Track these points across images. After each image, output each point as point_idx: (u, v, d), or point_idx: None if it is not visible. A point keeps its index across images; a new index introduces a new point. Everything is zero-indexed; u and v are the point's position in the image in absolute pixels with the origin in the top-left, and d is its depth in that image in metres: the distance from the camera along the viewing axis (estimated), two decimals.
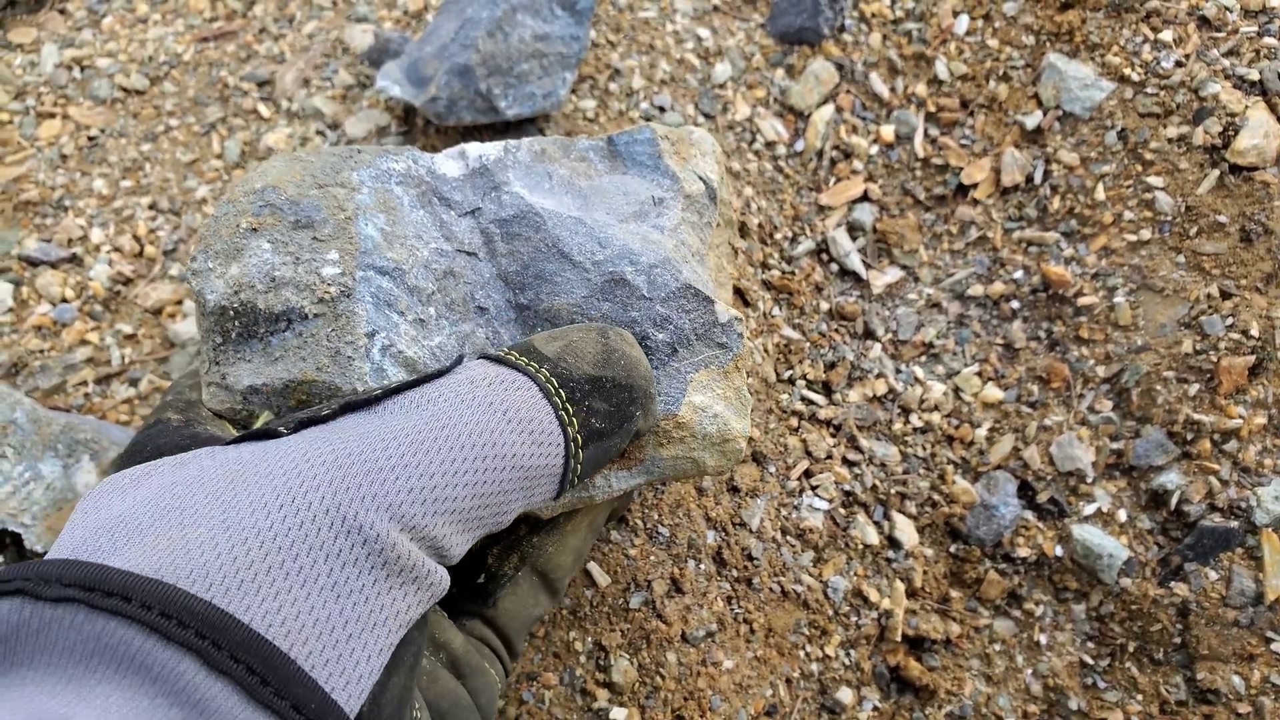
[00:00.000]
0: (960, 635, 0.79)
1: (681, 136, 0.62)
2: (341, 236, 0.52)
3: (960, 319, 0.88)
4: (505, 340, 0.55)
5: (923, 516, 0.81)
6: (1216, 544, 0.75)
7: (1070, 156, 0.88)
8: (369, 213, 0.53)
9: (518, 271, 0.55)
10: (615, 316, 0.54)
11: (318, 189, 0.53)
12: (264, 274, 0.50)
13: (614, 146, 0.61)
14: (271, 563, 0.34)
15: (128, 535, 0.34)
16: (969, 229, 0.91)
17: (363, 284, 0.51)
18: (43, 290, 0.85)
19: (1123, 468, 0.79)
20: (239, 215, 0.51)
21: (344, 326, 0.51)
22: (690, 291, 0.55)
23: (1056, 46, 0.92)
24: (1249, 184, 0.80)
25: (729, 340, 0.56)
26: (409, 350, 0.52)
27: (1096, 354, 0.82)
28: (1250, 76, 0.82)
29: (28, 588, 0.31)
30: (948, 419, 0.84)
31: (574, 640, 0.69)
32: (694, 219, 0.60)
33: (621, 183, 0.60)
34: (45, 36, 1.03)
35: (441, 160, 0.58)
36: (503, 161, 0.58)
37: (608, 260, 0.54)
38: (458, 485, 0.40)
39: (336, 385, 0.50)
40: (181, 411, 0.50)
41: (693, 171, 0.61)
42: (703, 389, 0.55)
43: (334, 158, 0.55)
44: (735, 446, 0.56)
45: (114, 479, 0.39)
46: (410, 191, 0.56)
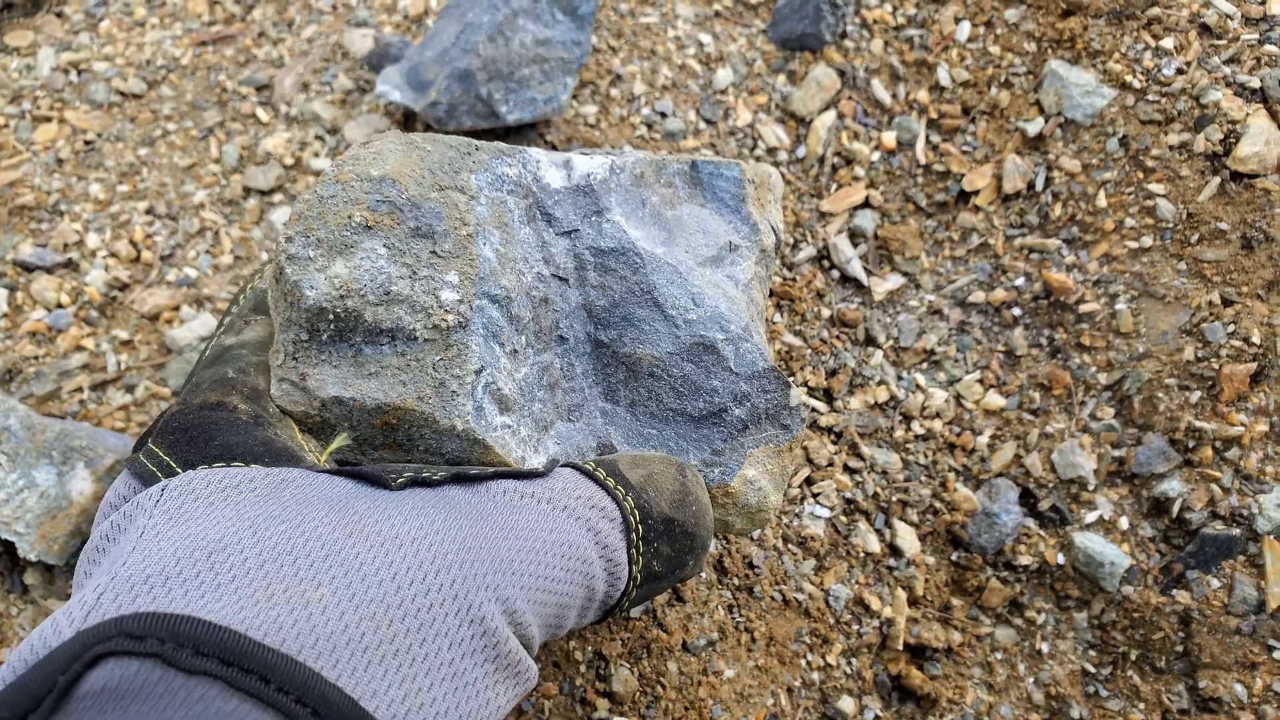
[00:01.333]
0: (962, 643, 0.78)
1: (763, 180, 0.61)
2: (462, 256, 0.48)
3: (962, 326, 0.88)
4: (577, 373, 0.54)
5: (924, 524, 0.81)
6: (1218, 552, 0.75)
7: (1072, 163, 0.87)
8: (487, 230, 0.50)
9: (605, 307, 0.54)
10: (696, 381, 0.54)
11: (438, 191, 0.49)
12: (378, 284, 0.46)
13: (697, 174, 0.60)
14: (400, 644, 0.33)
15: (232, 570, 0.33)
16: (970, 236, 0.91)
17: (478, 314, 0.48)
18: (38, 295, 0.84)
19: (1124, 475, 0.79)
20: (351, 204, 0.47)
21: (454, 358, 0.47)
22: (773, 374, 0.55)
23: (1058, 53, 0.92)
24: (1250, 191, 0.80)
25: (792, 424, 0.57)
26: (505, 387, 0.49)
27: (1098, 361, 0.82)
28: (1251, 84, 0.82)
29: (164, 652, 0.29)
30: (949, 426, 0.84)
31: (574, 649, 0.68)
32: (763, 274, 0.60)
33: (700, 217, 0.59)
34: (42, 40, 1.02)
35: (547, 167, 0.55)
36: (608, 183, 0.56)
37: (700, 322, 0.54)
38: (551, 591, 0.40)
39: (435, 418, 0.47)
40: (249, 400, 0.46)
41: (769, 222, 0.60)
42: (756, 463, 0.56)
43: (453, 152, 0.52)
44: (765, 516, 0.57)
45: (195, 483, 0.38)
46: (520, 204, 0.53)
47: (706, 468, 0.55)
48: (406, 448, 0.49)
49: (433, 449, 0.49)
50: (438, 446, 0.49)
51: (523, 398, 0.51)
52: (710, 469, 0.55)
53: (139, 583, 0.32)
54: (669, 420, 0.55)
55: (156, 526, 0.35)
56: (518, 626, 0.38)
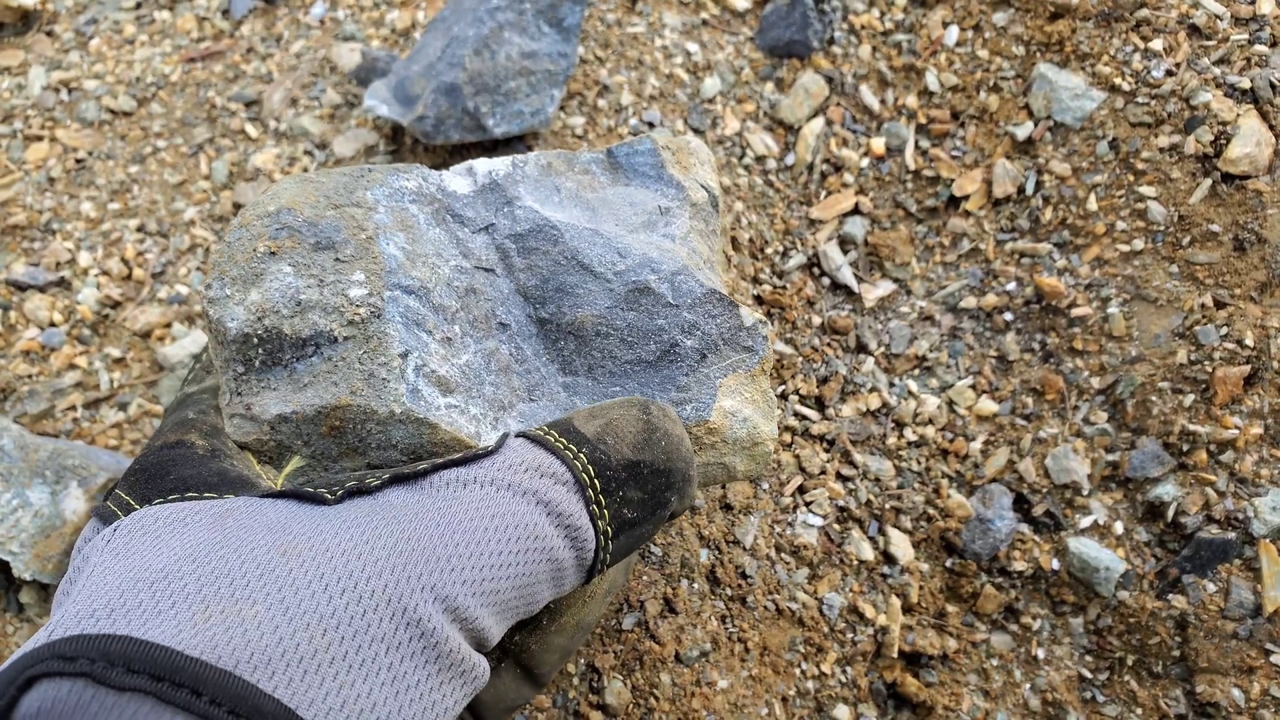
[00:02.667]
0: (957, 650, 0.78)
1: (681, 145, 0.62)
2: (365, 256, 0.51)
3: (953, 331, 0.88)
4: (529, 354, 0.55)
5: (918, 531, 0.80)
6: (1214, 556, 0.75)
7: (1062, 167, 0.87)
8: (389, 232, 0.52)
9: (537, 285, 0.55)
10: (641, 326, 0.54)
11: (334, 209, 0.52)
12: (288, 298, 0.49)
13: (614, 159, 0.61)
14: (335, 653, 0.33)
15: (172, 597, 0.33)
16: (961, 241, 0.91)
17: (391, 304, 0.50)
18: (30, 314, 0.84)
19: (1118, 479, 0.79)
20: (255, 239, 0.50)
21: (376, 348, 0.49)
22: (715, 296, 0.55)
23: (1047, 57, 0.91)
24: (1241, 192, 0.80)
25: (754, 343, 0.56)
26: (441, 369, 0.51)
27: (1091, 365, 0.82)
28: (1241, 84, 0.82)
29: (94, 670, 0.30)
30: (942, 432, 0.83)
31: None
32: (701, 227, 0.60)
33: (626, 194, 0.59)
34: (32, 59, 1.03)
35: (450, 177, 0.57)
36: (512, 176, 0.57)
37: (630, 269, 0.54)
38: (503, 578, 0.40)
39: (373, 409, 0.49)
40: (207, 437, 0.48)
41: (695, 180, 0.60)
42: (731, 393, 0.55)
43: (345, 177, 0.54)
44: (765, 450, 0.56)
45: (145, 519, 0.38)
46: (425, 209, 0.55)
47: (678, 406, 0.55)
48: (361, 450, 0.50)
49: (384, 443, 0.50)
50: (387, 439, 0.50)
51: (468, 380, 0.52)
52: (682, 407, 0.55)
53: (85, 616, 0.33)
54: (629, 373, 0.55)
55: (105, 563, 0.36)
56: (464, 622, 0.38)
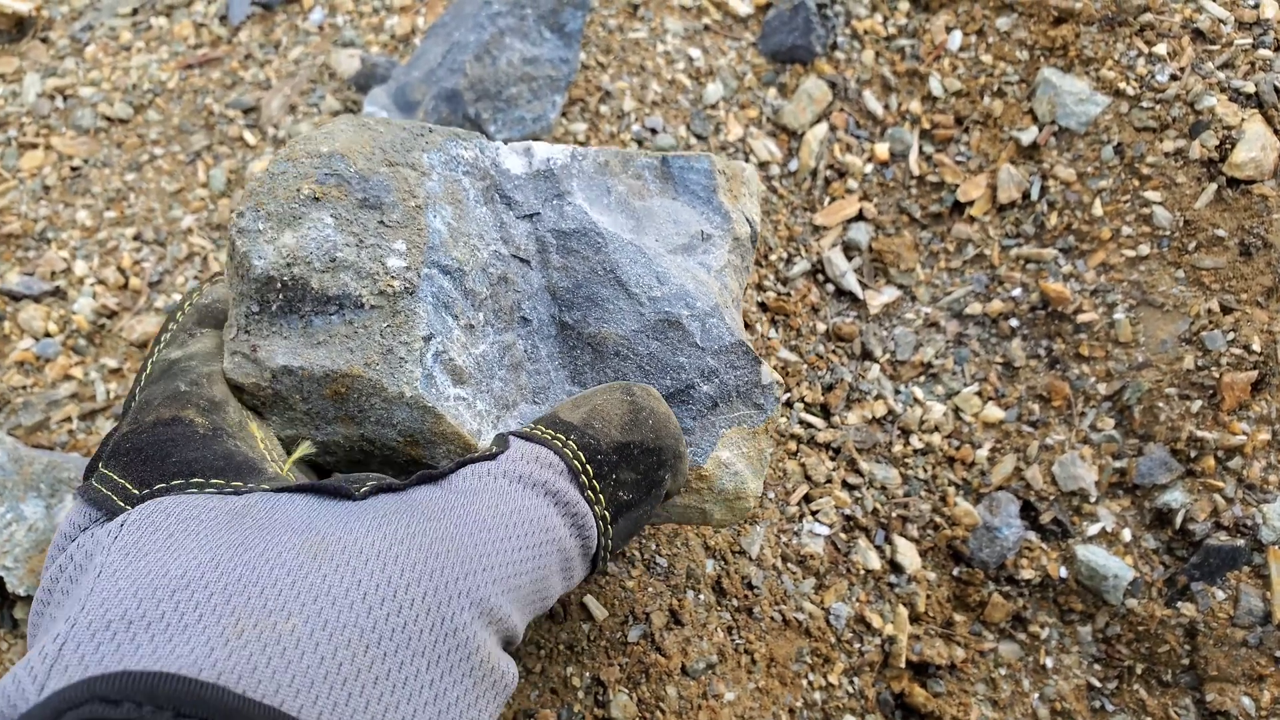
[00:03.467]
0: (965, 660, 0.77)
1: (735, 173, 0.61)
2: (410, 226, 0.49)
3: (959, 338, 0.87)
4: (542, 355, 0.54)
5: (925, 539, 0.80)
6: (1223, 563, 0.74)
7: (1067, 172, 0.87)
8: (438, 203, 0.51)
9: (569, 289, 0.54)
10: (663, 358, 0.53)
11: (388, 166, 0.50)
12: (324, 251, 0.47)
13: (668, 168, 0.59)
14: (378, 671, 0.32)
15: (198, 609, 0.31)
16: (966, 247, 0.90)
17: (427, 282, 0.49)
18: (25, 325, 0.83)
19: (1126, 486, 0.78)
20: (300, 179, 0.48)
21: (401, 325, 0.48)
22: (742, 349, 0.54)
23: (1051, 61, 0.91)
24: (1247, 197, 0.79)
25: (766, 403, 0.55)
26: (459, 359, 0.50)
27: (1097, 371, 0.81)
28: (1246, 89, 0.82)
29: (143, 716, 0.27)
30: (948, 440, 0.83)
31: (571, 675, 0.67)
32: (737, 262, 0.59)
33: (672, 209, 0.58)
34: (28, 66, 1.02)
35: (507, 154, 0.55)
36: (568, 168, 0.56)
37: (664, 299, 0.53)
38: (524, 573, 0.39)
39: (383, 385, 0.47)
40: (205, 413, 0.44)
41: (742, 212, 0.59)
42: (730, 445, 0.54)
43: (405, 133, 0.53)
44: (745, 505, 0.55)
45: (154, 515, 0.36)
46: (476, 184, 0.54)
47: None
48: (359, 421, 0.49)
49: (384, 420, 0.49)
50: (388, 417, 0.48)
51: (480, 373, 0.51)
52: None
53: (100, 630, 0.31)
54: None
55: (114, 564, 0.34)
56: (498, 623, 0.37)
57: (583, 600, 0.69)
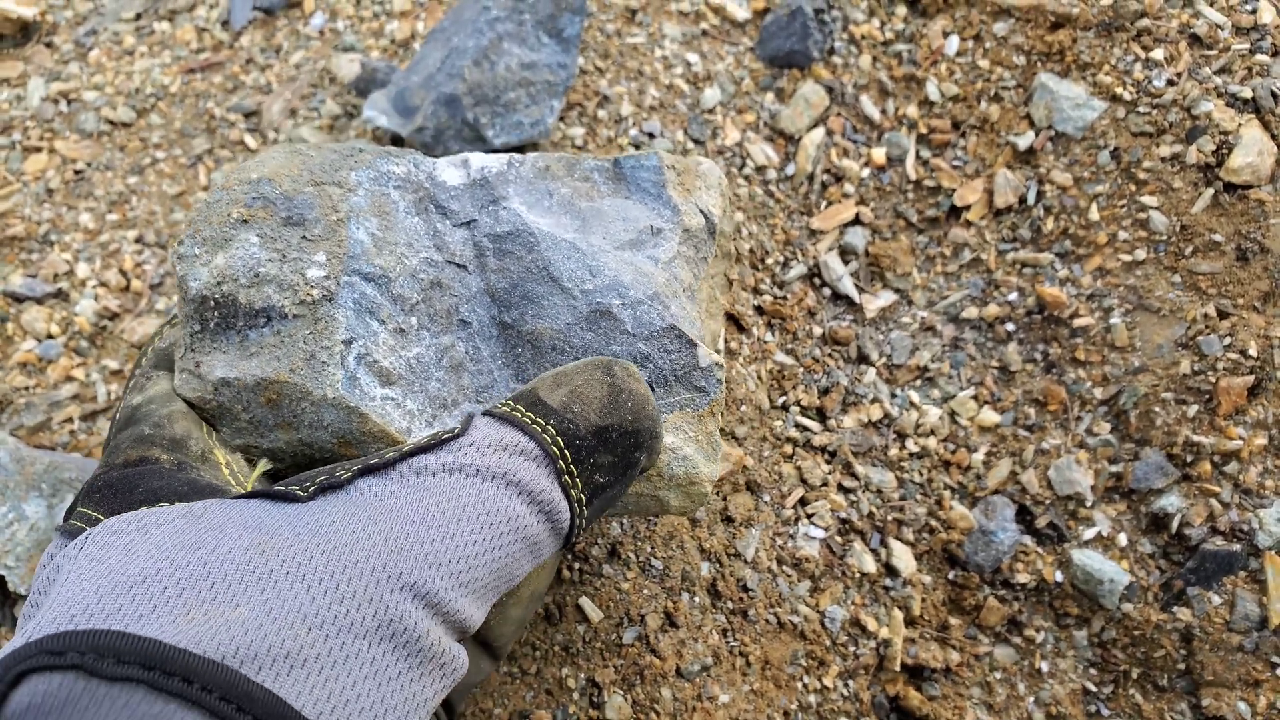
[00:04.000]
0: (960, 663, 0.77)
1: (688, 167, 0.62)
2: (331, 238, 0.52)
3: (955, 342, 0.87)
4: (484, 355, 0.55)
5: (920, 543, 0.80)
6: (1219, 568, 0.74)
7: (1063, 177, 0.87)
8: (362, 216, 0.53)
9: (506, 289, 0.55)
10: (597, 348, 0.54)
11: (313, 186, 0.53)
12: (248, 268, 0.50)
13: (619, 169, 0.60)
14: (320, 649, 0.34)
15: (152, 600, 0.33)
16: (962, 251, 0.90)
17: (346, 289, 0.51)
18: (28, 326, 0.84)
19: (1122, 491, 0.78)
20: (231, 204, 0.51)
21: (322, 331, 0.50)
22: (674, 332, 0.55)
23: (1048, 66, 0.91)
24: (1244, 202, 0.79)
25: (707, 385, 0.56)
26: (385, 361, 0.52)
27: (1093, 376, 0.82)
28: (1243, 94, 0.82)
29: (85, 663, 0.30)
30: (944, 443, 0.83)
31: (566, 677, 0.68)
32: (690, 253, 0.59)
33: (622, 207, 0.59)
34: (32, 70, 1.03)
35: (444, 166, 0.57)
36: (504, 175, 0.58)
37: (596, 290, 0.54)
38: (479, 565, 0.40)
39: (308, 389, 0.50)
40: (170, 450, 0.48)
41: (695, 205, 0.60)
42: (675, 430, 0.55)
43: (335, 155, 0.55)
44: (701, 490, 0.56)
45: (117, 525, 0.38)
46: (407, 197, 0.56)
47: None
48: (295, 425, 0.51)
49: (315, 423, 0.51)
50: (319, 419, 0.51)
51: (411, 374, 0.53)
52: None
53: (63, 620, 0.32)
54: None
55: (79, 569, 0.36)
56: (445, 615, 0.38)
57: (578, 602, 0.69)
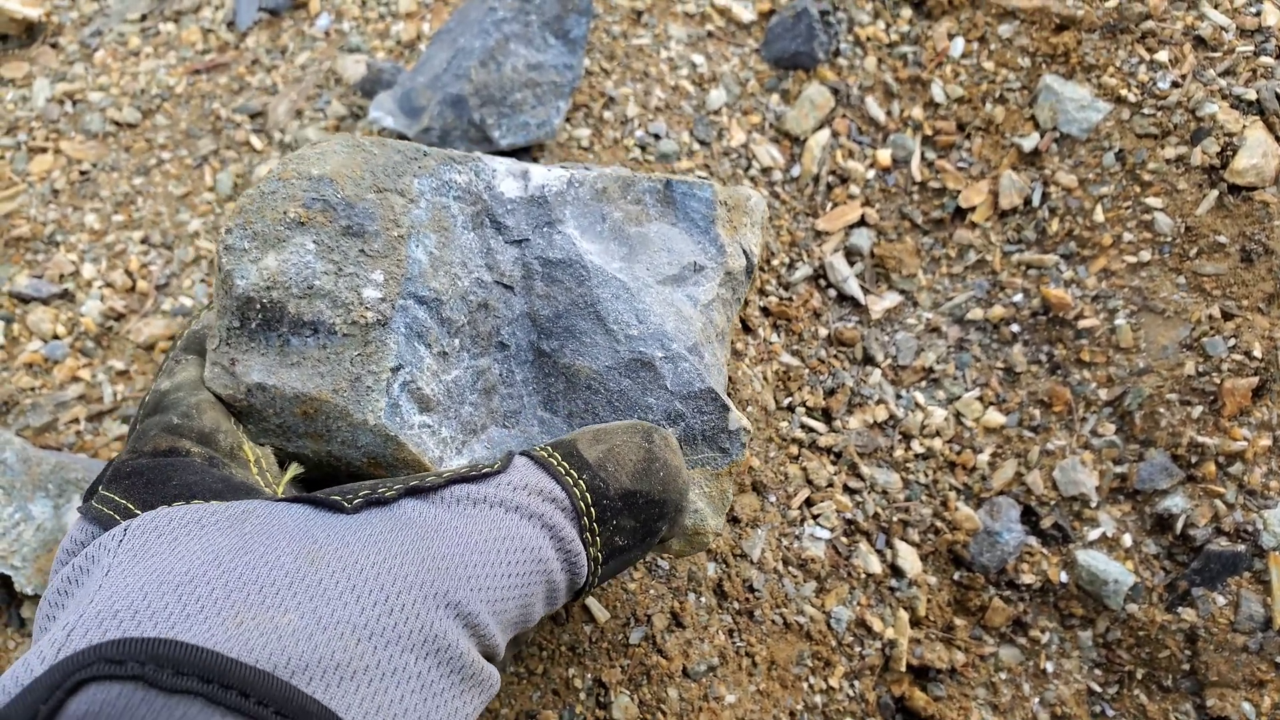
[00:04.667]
0: (966, 664, 0.77)
1: (738, 202, 0.61)
2: (390, 255, 0.50)
3: (960, 343, 0.87)
4: (517, 380, 0.54)
5: (925, 544, 0.80)
6: (1224, 568, 0.74)
7: (1068, 178, 0.87)
8: (422, 232, 0.52)
9: (550, 317, 0.54)
10: (633, 397, 0.54)
11: (376, 193, 0.51)
12: (303, 278, 0.48)
13: (670, 193, 0.59)
14: (368, 660, 0.34)
15: (200, 601, 0.33)
16: (967, 252, 0.90)
17: (400, 314, 0.50)
18: (34, 327, 0.84)
19: (1127, 492, 0.79)
20: (288, 200, 0.49)
21: (371, 355, 0.49)
22: (710, 395, 0.54)
23: (1052, 68, 0.91)
24: (1248, 204, 0.80)
25: (731, 448, 0.56)
26: (427, 388, 0.51)
27: (1098, 377, 0.82)
28: (1248, 96, 0.82)
29: (145, 673, 0.30)
30: (949, 445, 0.83)
31: (573, 677, 0.68)
32: (728, 295, 0.59)
33: (668, 235, 0.58)
34: (37, 71, 1.03)
35: (503, 175, 0.56)
36: (563, 196, 0.57)
37: (640, 338, 0.54)
38: (511, 596, 0.41)
39: (349, 411, 0.48)
40: (199, 443, 0.47)
41: (739, 244, 0.60)
42: (693, 486, 0.55)
43: (399, 156, 0.53)
44: (703, 540, 0.56)
45: (159, 520, 0.38)
46: (466, 210, 0.54)
47: None
48: (326, 438, 0.50)
49: (349, 441, 0.50)
50: (353, 439, 0.50)
51: (449, 399, 0.52)
52: None
53: (108, 617, 0.32)
54: None
55: (121, 564, 0.36)
56: (479, 636, 0.39)
57: (585, 602, 0.69)
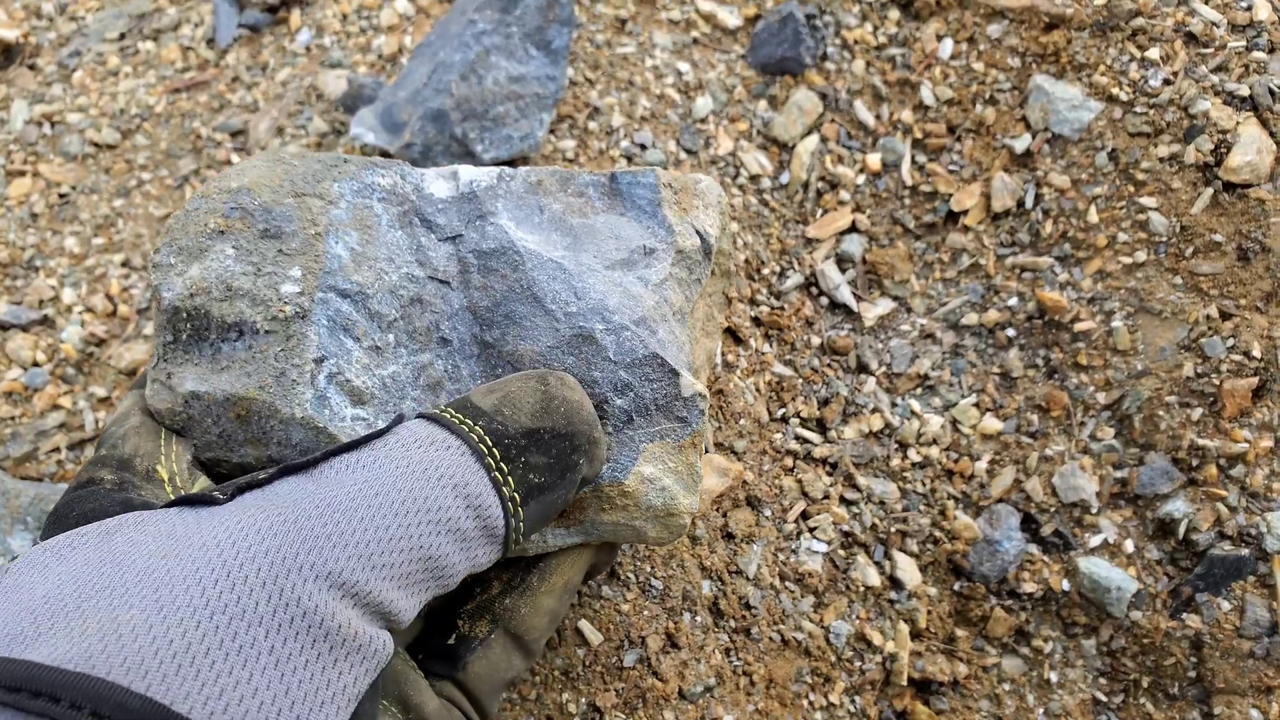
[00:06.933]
0: (968, 676, 0.76)
1: (686, 185, 0.61)
2: (308, 253, 0.51)
3: (955, 349, 0.86)
4: (464, 375, 0.54)
5: (925, 555, 0.79)
6: (1228, 573, 0.73)
7: (1061, 179, 0.86)
8: (341, 230, 0.53)
9: (489, 308, 0.54)
10: (577, 373, 0.53)
11: (294, 198, 0.52)
12: (222, 281, 0.50)
13: (616, 184, 0.59)
14: (210, 643, 0.33)
15: (53, 619, 0.33)
16: (961, 257, 0.89)
17: (320, 306, 0.51)
18: (13, 355, 0.83)
19: (1128, 497, 0.77)
20: (209, 213, 0.51)
21: (293, 348, 0.50)
22: (656, 361, 0.54)
23: (1043, 68, 0.90)
24: (1244, 201, 0.79)
25: (689, 415, 0.55)
26: (358, 380, 0.51)
27: (1096, 380, 0.81)
28: (1240, 92, 0.81)
29: None
30: (946, 453, 0.82)
31: (567, 702, 0.66)
32: (683, 275, 0.58)
33: (616, 225, 0.58)
34: (15, 93, 1.02)
35: (432, 179, 0.57)
36: (494, 190, 0.57)
37: (580, 314, 0.53)
38: (396, 551, 0.39)
39: (276, 407, 0.49)
40: (116, 470, 0.48)
41: (690, 225, 0.59)
42: (654, 460, 0.54)
43: (319, 165, 0.55)
44: (679, 522, 0.55)
45: (34, 553, 0.38)
46: (391, 210, 0.55)
47: None
48: (264, 442, 0.51)
49: (284, 441, 0.50)
50: (287, 438, 0.50)
51: (386, 393, 0.52)
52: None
53: None
54: None
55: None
56: (358, 597, 0.38)
57: (577, 625, 0.68)
